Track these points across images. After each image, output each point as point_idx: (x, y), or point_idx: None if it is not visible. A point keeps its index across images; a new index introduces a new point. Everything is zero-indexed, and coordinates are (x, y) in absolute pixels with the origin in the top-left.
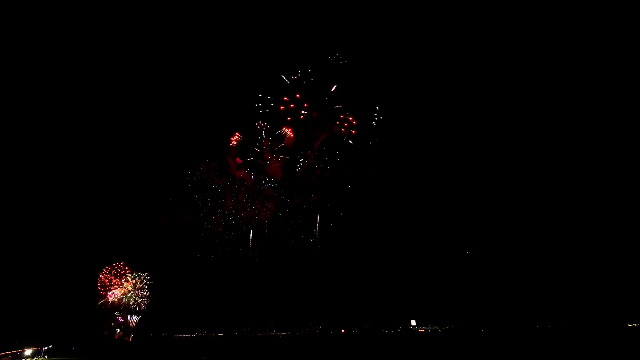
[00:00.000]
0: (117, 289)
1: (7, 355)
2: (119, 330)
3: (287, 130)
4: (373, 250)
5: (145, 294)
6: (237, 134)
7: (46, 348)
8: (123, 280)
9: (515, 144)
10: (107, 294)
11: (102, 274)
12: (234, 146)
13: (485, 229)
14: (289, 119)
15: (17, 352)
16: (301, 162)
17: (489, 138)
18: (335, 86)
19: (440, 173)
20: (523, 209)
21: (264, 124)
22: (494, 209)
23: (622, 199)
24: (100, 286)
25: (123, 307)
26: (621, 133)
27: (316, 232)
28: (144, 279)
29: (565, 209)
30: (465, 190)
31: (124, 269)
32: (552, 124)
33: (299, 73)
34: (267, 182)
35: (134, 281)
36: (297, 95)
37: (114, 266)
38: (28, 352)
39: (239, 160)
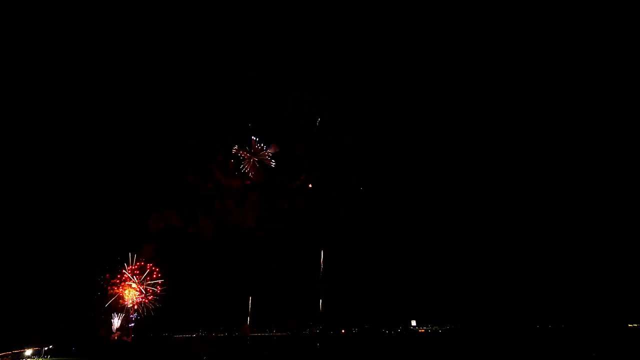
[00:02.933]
0: (119, 290)
1: (7, 355)
2: (115, 328)
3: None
4: (373, 250)
5: (148, 296)
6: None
7: (46, 348)
8: (125, 282)
9: (516, 144)
10: (108, 295)
11: (105, 276)
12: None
13: (485, 229)
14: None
15: (17, 352)
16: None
17: (489, 137)
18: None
19: (440, 172)
20: (523, 208)
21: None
22: (494, 208)
23: (622, 199)
24: (101, 287)
25: (124, 308)
26: (621, 133)
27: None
28: (148, 280)
29: (565, 209)
30: (465, 190)
31: (127, 270)
32: (553, 122)
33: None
34: (252, 188)
35: (136, 283)
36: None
37: (118, 269)
38: (28, 352)
39: (232, 166)
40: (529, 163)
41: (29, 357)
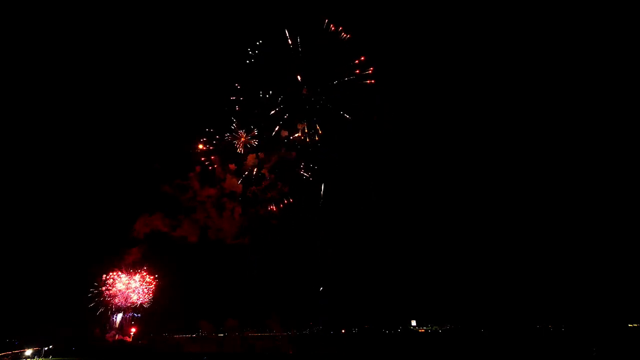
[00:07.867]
0: (114, 287)
1: (7, 355)
2: (109, 328)
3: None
4: (373, 250)
5: (144, 291)
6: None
7: (46, 348)
8: (121, 278)
9: (516, 144)
10: (105, 293)
11: (103, 276)
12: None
13: (485, 229)
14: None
15: (17, 352)
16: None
17: (489, 137)
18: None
19: (440, 171)
20: (523, 208)
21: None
22: (494, 208)
23: (621, 198)
24: (99, 286)
25: (122, 307)
26: (621, 133)
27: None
28: (143, 275)
29: (565, 209)
30: (465, 190)
31: (124, 269)
32: (553, 122)
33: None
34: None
35: (131, 278)
36: None
37: (115, 268)
38: (28, 352)
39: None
40: (529, 163)
41: (29, 357)
